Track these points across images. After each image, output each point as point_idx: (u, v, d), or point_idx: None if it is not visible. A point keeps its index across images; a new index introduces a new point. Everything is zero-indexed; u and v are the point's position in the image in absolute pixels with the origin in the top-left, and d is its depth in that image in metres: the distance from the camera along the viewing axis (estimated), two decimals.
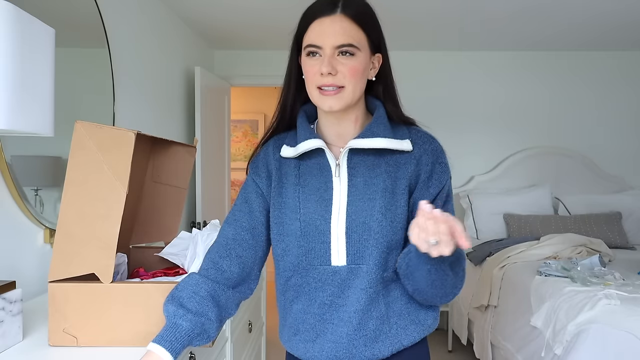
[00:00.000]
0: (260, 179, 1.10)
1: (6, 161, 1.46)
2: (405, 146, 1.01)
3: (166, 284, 1.08)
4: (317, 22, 0.98)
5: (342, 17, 0.97)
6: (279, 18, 3.17)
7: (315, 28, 0.98)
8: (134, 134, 1.04)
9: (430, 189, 1.02)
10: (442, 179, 1.02)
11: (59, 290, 1.06)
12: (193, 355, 1.24)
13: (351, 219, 1.00)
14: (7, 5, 0.96)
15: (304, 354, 1.05)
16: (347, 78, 0.97)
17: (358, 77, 0.98)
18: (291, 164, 1.07)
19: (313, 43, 0.98)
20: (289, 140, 1.07)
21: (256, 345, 2.47)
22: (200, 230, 1.31)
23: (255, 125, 5.45)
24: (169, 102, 2.97)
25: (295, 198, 1.04)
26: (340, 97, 0.98)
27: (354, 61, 0.97)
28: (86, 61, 2.00)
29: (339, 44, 0.96)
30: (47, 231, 1.65)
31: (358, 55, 0.98)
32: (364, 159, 1.03)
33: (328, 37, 0.96)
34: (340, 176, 1.02)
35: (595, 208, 3.63)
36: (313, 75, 0.98)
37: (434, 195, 1.02)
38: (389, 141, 1.00)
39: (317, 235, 1.01)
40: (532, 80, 4.02)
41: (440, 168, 1.03)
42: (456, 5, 2.92)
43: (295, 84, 1.07)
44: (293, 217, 1.03)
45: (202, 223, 3.23)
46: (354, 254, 1.00)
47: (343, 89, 0.98)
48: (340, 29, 0.96)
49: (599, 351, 1.84)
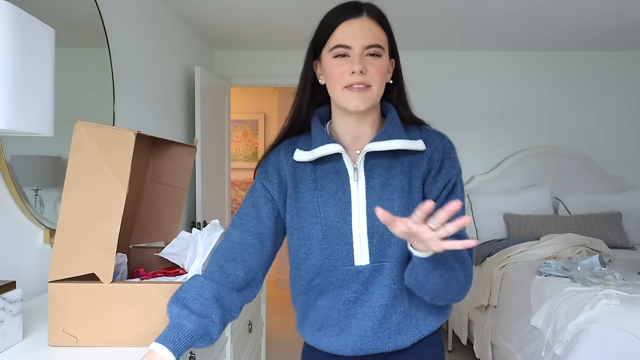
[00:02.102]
0: (271, 184, 1.10)
1: (6, 161, 1.46)
2: (419, 146, 1.04)
3: (166, 284, 1.08)
4: (345, 24, 1.01)
5: (368, 20, 1.01)
6: (279, 18, 3.17)
7: (344, 30, 1.01)
8: (134, 134, 1.04)
9: (438, 182, 1.05)
10: (449, 172, 1.05)
11: (59, 290, 1.06)
12: (193, 355, 1.24)
13: (372, 220, 1.03)
14: (7, 5, 0.96)
15: (328, 347, 1.08)
16: (374, 77, 1.00)
17: (382, 77, 1.02)
18: (306, 169, 1.08)
19: (342, 43, 1.00)
20: (301, 144, 1.09)
21: (256, 345, 2.47)
22: (200, 230, 1.31)
23: (255, 125, 5.45)
24: (169, 102, 2.97)
25: (314, 202, 1.06)
26: (366, 96, 1.00)
27: (380, 62, 1.01)
28: (86, 61, 2.00)
29: (368, 44, 0.99)
30: (47, 231, 1.65)
31: (383, 56, 1.02)
32: (379, 161, 1.05)
33: (357, 38, 0.99)
34: (358, 179, 1.05)
35: (595, 208, 3.63)
36: (341, 75, 1.01)
37: (441, 188, 1.04)
38: (404, 142, 1.03)
39: (340, 238, 1.04)
40: (532, 80, 4.02)
41: (449, 163, 1.06)
42: (456, 5, 2.92)
43: (310, 88, 1.10)
44: (313, 221, 1.05)
45: (202, 223, 3.23)
46: (377, 253, 1.03)
47: (370, 88, 1.00)
48: (368, 30, 1.00)
49: (599, 351, 1.84)
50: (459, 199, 1.03)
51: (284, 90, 5.27)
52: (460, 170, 1.09)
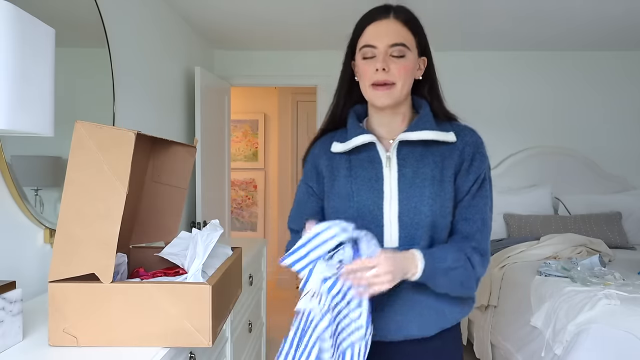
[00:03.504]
0: (311, 181, 1.23)
1: (6, 161, 1.46)
2: (450, 138, 1.12)
3: (166, 284, 1.08)
4: (373, 25, 1.10)
5: (394, 21, 1.10)
6: (279, 18, 3.17)
7: (371, 30, 1.10)
8: (134, 134, 1.04)
9: (470, 175, 1.13)
10: (481, 167, 1.14)
11: (59, 290, 1.06)
12: (193, 355, 1.24)
13: (403, 205, 1.09)
14: (7, 5, 0.96)
15: None
16: (397, 75, 1.08)
17: (407, 75, 1.10)
18: (342, 159, 1.17)
19: (369, 43, 1.09)
20: (337, 137, 1.19)
21: (256, 345, 2.47)
22: (200, 230, 1.31)
23: (255, 125, 5.45)
24: (169, 102, 2.97)
25: (349, 188, 1.13)
26: (390, 93, 1.09)
27: (404, 61, 1.09)
28: (86, 61, 2.00)
29: (392, 42, 1.08)
30: (47, 231, 1.65)
31: (408, 55, 1.10)
32: (412, 150, 1.13)
33: (382, 37, 1.08)
34: (390, 167, 1.12)
35: (595, 208, 3.63)
36: (367, 73, 1.10)
37: (472, 181, 1.13)
38: (436, 133, 1.11)
39: (372, 220, 1.10)
40: (534, 81, 4.01)
41: (480, 157, 1.14)
42: (458, 6, 2.92)
43: (347, 86, 1.20)
44: (347, 205, 1.12)
45: (202, 223, 3.23)
46: (406, 236, 1.09)
47: (394, 85, 1.09)
48: (393, 30, 1.09)
49: (599, 351, 1.84)
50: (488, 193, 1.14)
51: (284, 90, 5.27)
52: (489, 166, 1.17)
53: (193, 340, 1.07)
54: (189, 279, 1.18)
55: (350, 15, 3.18)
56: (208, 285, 1.07)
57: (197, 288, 1.07)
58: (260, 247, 2.57)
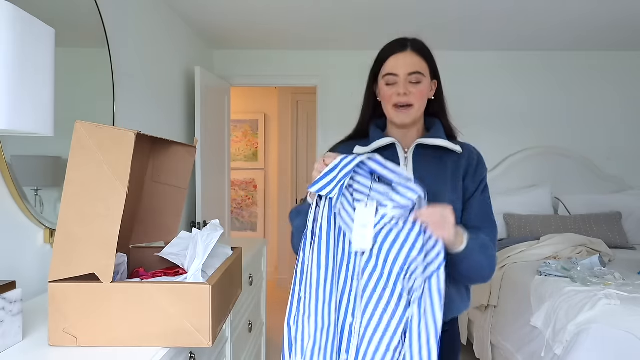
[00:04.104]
0: None
1: (6, 161, 1.46)
2: (458, 149, 1.31)
3: (166, 284, 1.08)
4: (394, 57, 1.30)
5: (412, 53, 1.29)
6: (279, 18, 3.17)
7: (392, 61, 1.30)
8: (134, 134, 1.04)
9: (476, 178, 1.32)
10: (483, 173, 1.34)
11: (59, 290, 1.06)
12: (193, 355, 1.24)
13: None
14: (7, 5, 0.96)
15: None
16: (415, 98, 1.28)
17: (423, 98, 1.30)
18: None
19: (391, 72, 1.29)
20: (360, 143, 1.35)
21: (256, 345, 2.47)
22: (200, 230, 1.31)
23: (255, 125, 5.45)
24: (169, 102, 2.97)
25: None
26: (409, 114, 1.29)
27: (420, 86, 1.29)
28: (86, 61, 2.00)
29: (410, 71, 1.28)
30: (47, 231, 1.65)
31: (423, 81, 1.29)
32: (426, 154, 1.31)
33: (402, 67, 1.28)
34: (407, 166, 1.30)
35: (595, 208, 3.63)
36: (390, 97, 1.29)
37: (478, 183, 1.31)
38: (447, 142, 1.30)
39: None
40: (532, 81, 4.01)
41: (481, 166, 1.35)
42: (456, 5, 2.92)
43: (372, 105, 1.39)
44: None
45: (202, 223, 3.23)
46: None
47: (412, 107, 1.28)
48: (411, 61, 1.28)
49: (599, 351, 1.84)
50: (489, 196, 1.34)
51: (284, 90, 5.27)
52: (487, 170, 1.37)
53: (193, 340, 1.07)
54: (189, 279, 1.18)
55: (351, 15, 3.20)
56: (208, 285, 1.07)
57: (197, 288, 1.07)
58: (260, 247, 2.57)
